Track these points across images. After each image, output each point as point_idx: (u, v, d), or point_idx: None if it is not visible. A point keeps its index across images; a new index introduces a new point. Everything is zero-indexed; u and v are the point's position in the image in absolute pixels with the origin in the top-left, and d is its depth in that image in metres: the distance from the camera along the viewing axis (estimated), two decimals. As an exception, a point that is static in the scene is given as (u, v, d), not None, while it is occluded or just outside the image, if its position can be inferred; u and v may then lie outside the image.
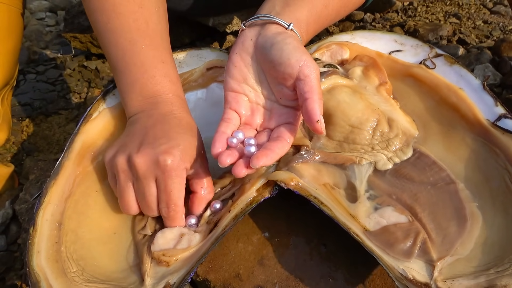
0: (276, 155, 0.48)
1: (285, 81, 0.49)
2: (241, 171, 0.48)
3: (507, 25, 1.07)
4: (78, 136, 0.58)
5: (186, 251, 0.49)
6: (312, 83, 0.47)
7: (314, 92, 0.47)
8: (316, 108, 0.46)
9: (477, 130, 0.57)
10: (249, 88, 0.53)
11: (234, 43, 0.55)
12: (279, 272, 0.51)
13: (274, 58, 0.49)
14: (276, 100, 0.53)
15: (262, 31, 0.52)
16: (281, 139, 0.50)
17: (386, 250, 0.47)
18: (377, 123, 0.57)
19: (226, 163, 0.49)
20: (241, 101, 0.53)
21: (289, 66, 0.48)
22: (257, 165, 0.46)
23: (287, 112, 0.52)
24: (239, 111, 0.53)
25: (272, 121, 0.53)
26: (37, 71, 1.11)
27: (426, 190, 0.54)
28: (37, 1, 1.49)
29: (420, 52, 0.66)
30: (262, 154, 0.47)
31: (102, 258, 0.52)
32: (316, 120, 0.46)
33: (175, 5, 0.91)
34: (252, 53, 0.53)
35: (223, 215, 0.51)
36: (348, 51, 0.67)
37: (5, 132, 0.77)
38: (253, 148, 0.49)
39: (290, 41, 0.50)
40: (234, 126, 0.53)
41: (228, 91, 0.54)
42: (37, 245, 0.49)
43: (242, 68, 0.53)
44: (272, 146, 0.49)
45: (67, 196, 0.54)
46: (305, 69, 0.47)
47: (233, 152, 0.50)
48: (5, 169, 0.80)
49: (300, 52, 0.48)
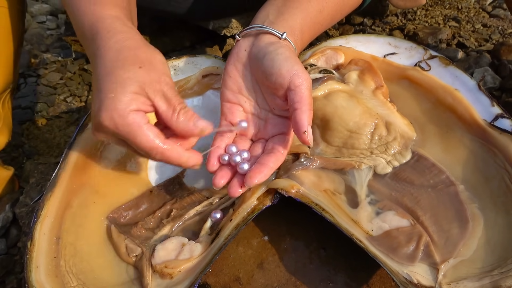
0: (270, 170, 0.48)
1: (277, 91, 0.49)
2: (237, 191, 0.48)
3: (506, 28, 1.08)
4: (74, 147, 0.58)
5: (188, 262, 0.49)
6: (302, 93, 0.47)
7: (303, 103, 0.47)
8: (304, 119, 0.46)
9: (474, 130, 0.57)
10: (244, 98, 0.53)
11: (230, 53, 0.55)
12: (278, 275, 0.51)
13: (266, 69, 0.49)
14: (270, 110, 0.53)
15: (255, 42, 0.53)
16: (275, 151, 0.50)
17: (390, 255, 0.48)
18: (375, 127, 0.57)
19: (220, 185, 0.49)
20: (236, 112, 0.53)
21: (280, 76, 0.48)
22: (252, 184, 0.47)
23: (281, 122, 0.52)
24: (234, 121, 0.53)
25: (266, 131, 0.53)
26: (38, 74, 1.11)
27: (426, 193, 0.54)
28: (38, 5, 1.49)
29: (414, 54, 0.66)
30: (256, 172, 0.47)
31: (102, 271, 0.51)
32: (303, 131, 0.46)
33: (176, 9, 0.91)
34: (246, 64, 0.53)
35: (225, 224, 0.51)
36: (343, 56, 0.67)
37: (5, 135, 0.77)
38: (246, 166, 0.49)
39: (282, 51, 0.49)
40: (228, 139, 0.53)
41: (224, 102, 0.54)
42: (35, 259, 0.48)
43: (237, 79, 0.53)
44: (266, 161, 0.49)
45: (65, 208, 0.54)
46: (295, 79, 0.47)
47: (226, 173, 0.50)
48: (6, 172, 0.80)
49: (291, 63, 0.48)
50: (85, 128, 0.59)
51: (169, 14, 0.93)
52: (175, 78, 0.67)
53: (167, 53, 1.11)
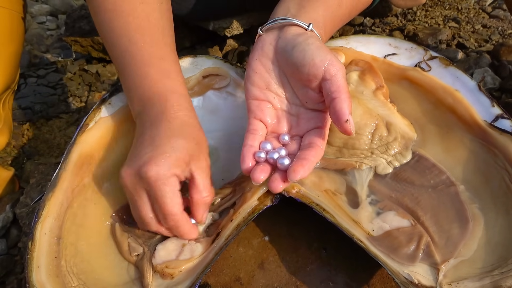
0: (312, 164, 0.47)
1: (310, 82, 0.48)
2: (278, 186, 0.47)
3: (506, 29, 1.08)
4: (75, 147, 0.57)
5: (189, 262, 0.49)
6: (339, 82, 0.45)
7: (342, 91, 0.45)
8: (345, 107, 0.45)
9: (474, 131, 0.57)
10: (273, 94, 0.52)
11: (253, 49, 0.54)
12: (279, 276, 0.51)
13: (297, 60, 0.48)
14: (302, 104, 0.51)
15: (281, 34, 0.51)
16: (314, 145, 0.48)
17: (390, 255, 0.48)
18: (376, 128, 0.57)
19: (260, 180, 0.48)
20: (265, 109, 0.52)
21: (313, 67, 0.46)
22: (295, 178, 0.45)
23: (315, 116, 0.51)
24: (264, 119, 0.52)
25: (300, 127, 0.51)
26: (38, 74, 1.11)
27: (427, 193, 0.54)
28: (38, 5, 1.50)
29: (414, 55, 0.66)
30: (299, 165, 0.46)
31: (103, 271, 0.51)
32: (345, 120, 0.44)
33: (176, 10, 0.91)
34: (273, 58, 0.51)
35: (225, 224, 0.51)
36: (344, 56, 0.67)
37: (6, 136, 0.77)
38: (287, 161, 0.48)
39: (312, 41, 0.48)
40: (261, 137, 0.51)
41: (251, 99, 0.52)
42: (36, 259, 0.48)
43: (264, 74, 0.52)
44: (307, 155, 0.47)
45: (66, 208, 0.54)
46: (331, 68, 0.46)
47: (265, 167, 0.49)
48: (6, 173, 0.80)
49: (324, 52, 0.47)
50: (85, 129, 0.59)
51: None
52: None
53: (167, 53, 1.10)
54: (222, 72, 0.67)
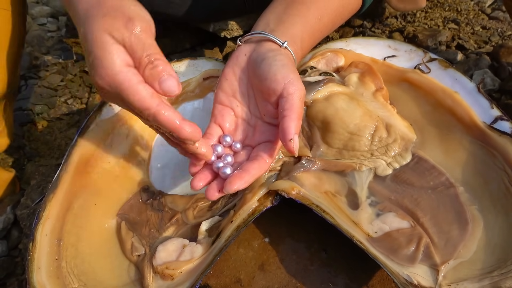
0: (251, 177, 0.47)
1: (270, 97, 0.49)
2: (214, 194, 0.47)
3: (505, 30, 1.08)
4: (76, 149, 0.58)
5: (189, 263, 0.49)
6: (293, 102, 0.46)
7: (293, 111, 0.46)
8: (291, 126, 0.45)
9: (474, 133, 0.57)
10: (237, 102, 0.53)
11: (229, 57, 0.55)
12: (279, 277, 0.51)
13: (262, 73, 0.49)
14: (261, 117, 0.52)
15: (256, 47, 0.53)
16: (260, 158, 0.49)
17: (390, 256, 0.48)
18: (375, 129, 0.57)
19: (199, 187, 0.48)
20: (226, 115, 0.53)
21: (274, 82, 0.48)
22: (231, 191, 0.45)
23: (269, 129, 0.52)
24: (223, 125, 0.53)
25: (254, 138, 0.53)
26: (38, 76, 1.12)
27: (426, 195, 0.54)
28: (38, 7, 1.50)
29: (414, 57, 0.66)
30: (237, 177, 0.46)
31: (104, 273, 0.51)
32: (289, 139, 0.45)
33: (176, 11, 0.91)
34: (244, 68, 0.53)
35: (225, 225, 0.51)
36: (343, 58, 0.68)
37: (7, 138, 0.77)
38: (229, 170, 0.48)
39: (280, 58, 0.50)
40: (214, 142, 0.52)
41: (216, 103, 0.54)
42: (37, 261, 0.49)
43: (233, 82, 0.53)
44: (249, 167, 0.48)
45: (66, 210, 0.54)
46: (289, 86, 0.47)
47: (205, 175, 0.49)
48: (7, 174, 0.80)
49: (287, 70, 0.48)
50: (86, 131, 0.60)
51: (169, 16, 0.93)
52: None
53: (167, 55, 1.11)
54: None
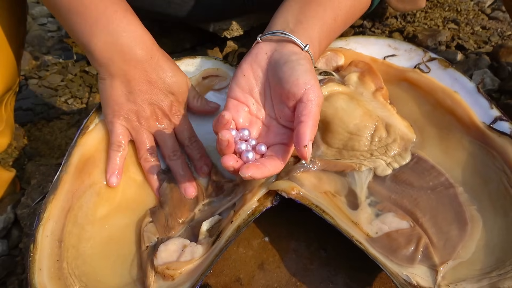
0: (267, 171, 0.47)
1: (288, 100, 0.49)
2: (229, 163, 0.46)
3: (505, 30, 1.08)
4: (76, 149, 0.57)
5: (190, 264, 0.49)
6: (312, 108, 0.46)
7: (310, 117, 0.46)
8: (307, 132, 0.45)
9: (473, 133, 0.57)
10: (253, 100, 0.53)
11: (247, 53, 0.55)
12: (279, 276, 0.51)
13: (284, 75, 0.49)
14: (276, 118, 0.52)
15: (278, 48, 0.52)
16: (275, 158, 0.49)
17: (389, 257, 0.48)
18: (375, 129, 0.57)
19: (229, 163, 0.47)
20: (241, 110, 0.53)
21: (295, 86, 0.48)
22: (245, 174, 0.45)
23: (284, 132, 0.51)
24: (237, 120, 0.52)
25: (267, 138, 0.52)
26: (39, 76, 1.12)
27: (426, 195, 0.54)
28: (39, 7, 1.50)
29: (414, 56, 0.66)
30: (254, 166, 0.46)
31: (105, 273, 0.51)
32: (304, 145, 0.45)
33: (176, 11, 0.92)
34: (264, 67, 0.53)
35: (226, 226, 0.51)
36: (343, 57, 0.68)
37: (7, 137, 0.78)
38: (251, 155, 0.48)
39: (303, 62, 0.50)
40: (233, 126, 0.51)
41: (231, 98, 0.53)
42: (38, 262, 0.49)
43: (251, 79, 0.53)
44: (265, 162, 0.48)
45: (67, 210, 0.54)
46: (310, 93, 0.47)
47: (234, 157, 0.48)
48: (7, 174, 0.80)
49: (310, 76, 0.48)
50: (86, 131, 0.60)
51: (169, 16, 0.94)
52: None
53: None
54: (222, 73, 0.68)
